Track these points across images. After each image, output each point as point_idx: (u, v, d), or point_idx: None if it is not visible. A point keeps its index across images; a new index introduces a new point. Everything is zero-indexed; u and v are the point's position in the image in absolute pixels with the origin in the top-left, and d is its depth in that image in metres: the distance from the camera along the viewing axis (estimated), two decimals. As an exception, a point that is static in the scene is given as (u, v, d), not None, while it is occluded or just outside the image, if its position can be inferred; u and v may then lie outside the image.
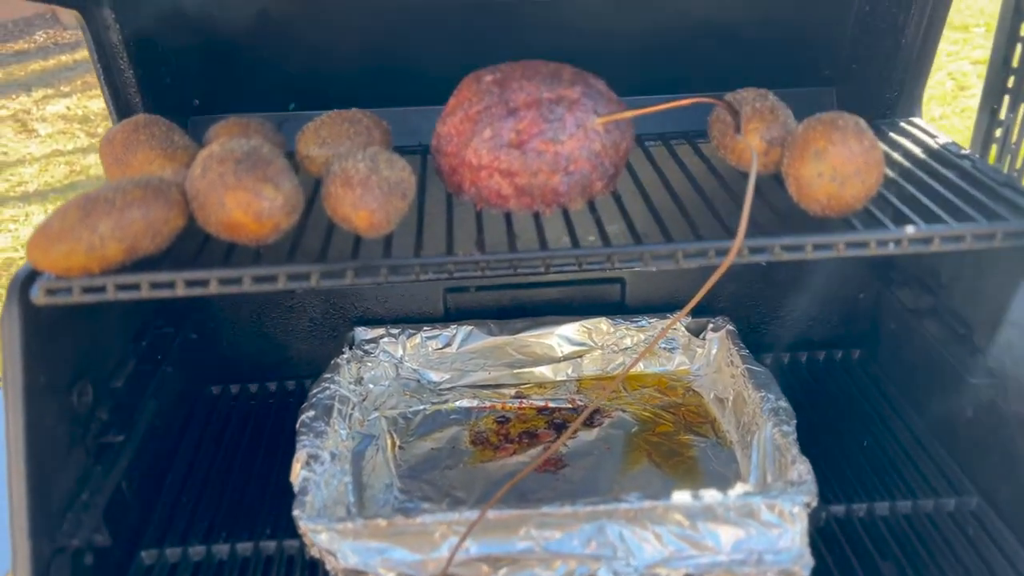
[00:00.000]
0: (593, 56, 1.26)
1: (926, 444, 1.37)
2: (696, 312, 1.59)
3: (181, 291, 1.01)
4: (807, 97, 1.30)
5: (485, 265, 1.04)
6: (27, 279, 1.02)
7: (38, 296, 0.99)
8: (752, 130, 1.16)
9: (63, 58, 7.07)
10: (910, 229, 1.04)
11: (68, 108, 5.91)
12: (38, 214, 4.40)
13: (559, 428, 1.42)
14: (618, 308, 1.59)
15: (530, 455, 1.37)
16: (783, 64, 1.48)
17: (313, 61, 1.46)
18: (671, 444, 1.38)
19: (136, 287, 1.00)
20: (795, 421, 1.28)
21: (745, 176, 1.22)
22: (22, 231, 4.25)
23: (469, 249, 1.07)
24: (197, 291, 1.01)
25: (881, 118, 1.48)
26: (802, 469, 1.17)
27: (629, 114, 1.10)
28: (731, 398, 1.42)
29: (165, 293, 1.01)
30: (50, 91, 6.27)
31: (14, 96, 6.24)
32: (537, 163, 1.09)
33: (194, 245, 1.08)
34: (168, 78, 1.45)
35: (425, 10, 1.41)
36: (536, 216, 1.14)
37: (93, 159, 4.95)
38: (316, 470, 1.20)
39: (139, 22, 1.38)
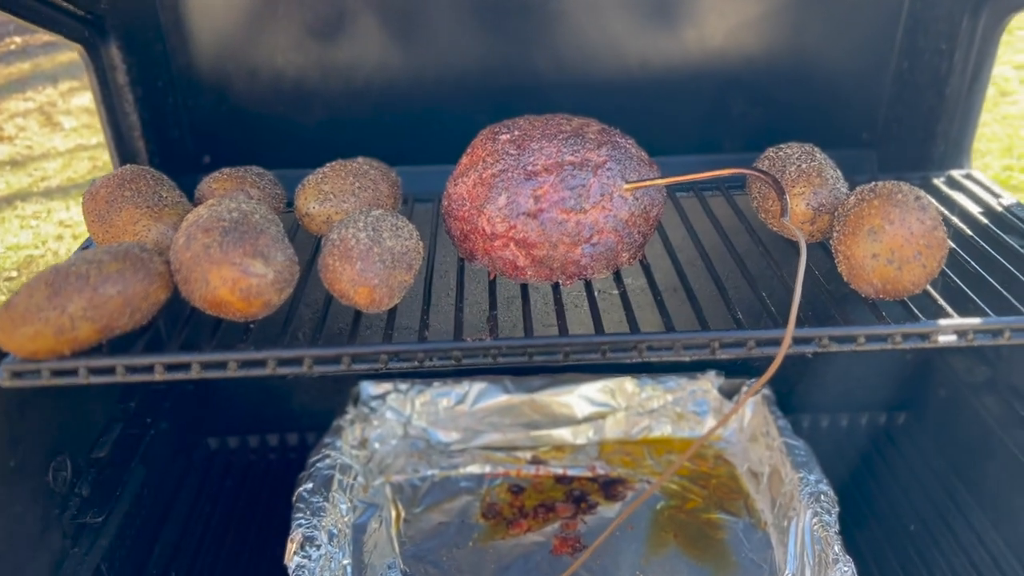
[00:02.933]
0: (618, 112, 1.16)
1: (981, 533, 1.24)
2: (729, 371, 1.49)
3: (160, 376, 0.92)
4: (846, 160, 1.18)
5: (497, 352, 0.93)
6: (-8, 359, 0.93)
7: (3, 379, 0.90)
8: (796, 194, 1.05)
9: (90, 49, 7.06)
10: (977, 320, 0.92)
11: (93, 101, 5.85)
12: (60, 210, 4.35)
13: (578, 501, 1.32)
14: (643, 366, 1.48)
15: (546, 533, 1.26)
16: (819, 125, 1.38)
17: (330, 118, 1.37)
18: (700, 524, 1.27)
19: (111, 371, 0.91)
20: (838, 509, 1.17)
21: (789, 244, 1.10)
22: (43, 227, 4.20)
23: (480, 329, 0.97)
24: (179, 376, 0.92)
25: (926, 172, 1.36)
26: (845, 572, 1.06)
27: (660, 182, 0.99)
28: (766, 473, 1.30)
29: (143, 378, 0.92)
30: (76, 83, 6.22)
31: (41, 88, 6.21)
32: (557, 233, 0.98)
33: (181, 313, 0.99)
34: (176, 130, 1.35)
35: (445, 67, 1.34)
36: (556, 285, 1.04)
37: (115, 155, 4.90)
38: (311, 555, 1.11)
39: (149, 66, 1.29)
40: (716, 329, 0.93)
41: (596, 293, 1.03)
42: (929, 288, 0.97)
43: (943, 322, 0.92)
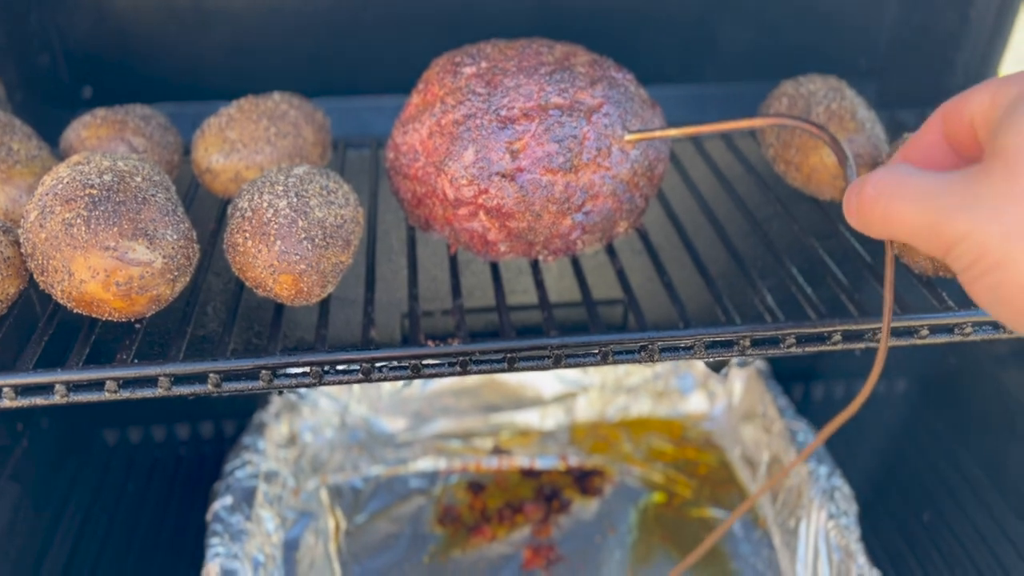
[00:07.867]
0: (583, 35, 0.94)
1: (1004, 525, 1.10)
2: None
3: (11, 403, 0.68)
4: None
5: (467, 359, 0.72)
6: None
7: None
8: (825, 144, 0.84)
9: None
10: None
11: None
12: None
13: (549, 499, 1.13)
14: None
15: (514, 541, 1.07)
16: (809, 48, 1.17)
17: (237, 39, 1.10)
18: (691, 523, 1.10)
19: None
20: (856, 508, 1.01)
21: (812, 203, 0.91)
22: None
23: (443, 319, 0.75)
24: (38, 400, 0.69)
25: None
26: (875, 591, 0.90)
27: (675, 132, 0.77)
28: (765, 461, 1.13)
29: (-15, 406, 0.68)
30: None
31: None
32: (541, 200, 0.75)
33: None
34: (45, 56, 1.07)
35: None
36: (535, 261, 0.83)
37: None
38: (232, 593, 0.89)
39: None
40: (748, 323, 0.73)
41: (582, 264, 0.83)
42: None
43: None
